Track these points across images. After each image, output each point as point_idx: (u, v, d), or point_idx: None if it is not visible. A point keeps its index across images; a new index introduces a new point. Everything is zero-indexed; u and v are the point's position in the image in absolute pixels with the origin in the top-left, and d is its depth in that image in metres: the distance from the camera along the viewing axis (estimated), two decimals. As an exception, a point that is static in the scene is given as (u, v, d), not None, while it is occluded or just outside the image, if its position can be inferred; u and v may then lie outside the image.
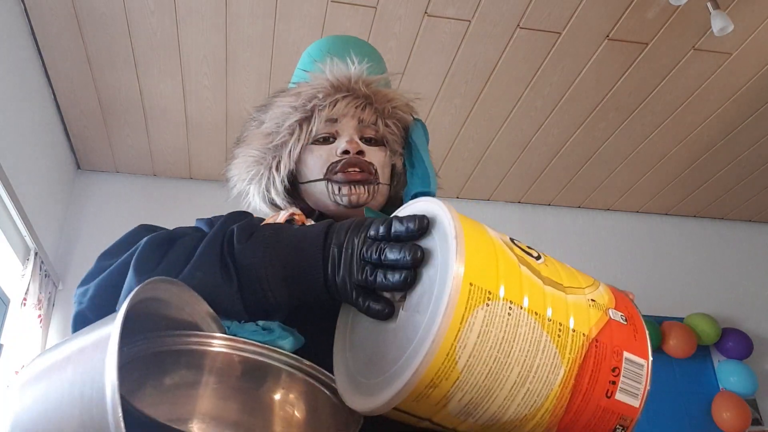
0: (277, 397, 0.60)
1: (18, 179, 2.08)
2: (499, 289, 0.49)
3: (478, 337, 0.47)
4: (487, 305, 0.47)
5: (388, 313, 0.54)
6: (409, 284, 0.52)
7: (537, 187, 3.14)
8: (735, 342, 2.95)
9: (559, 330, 0.50)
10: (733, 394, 2.84)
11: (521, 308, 0.49)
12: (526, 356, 0.48)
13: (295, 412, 0.60)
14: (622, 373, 0.52)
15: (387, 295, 0.55)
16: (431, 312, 0.48)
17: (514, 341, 0.48)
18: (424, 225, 0.53)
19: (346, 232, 0.59)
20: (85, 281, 0.70)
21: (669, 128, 2.72)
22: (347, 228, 0.60)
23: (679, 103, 2.57)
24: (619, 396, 0.51)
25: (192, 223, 0.85)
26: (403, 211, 0.61)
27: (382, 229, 0.55)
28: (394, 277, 0.53)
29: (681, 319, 3.00)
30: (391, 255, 0.53)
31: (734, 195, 3.23)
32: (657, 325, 2.91)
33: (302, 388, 0.60)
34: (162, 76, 2.37)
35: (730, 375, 2.89)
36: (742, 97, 2.54)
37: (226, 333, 0.60)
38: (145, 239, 0.69)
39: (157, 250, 0.67)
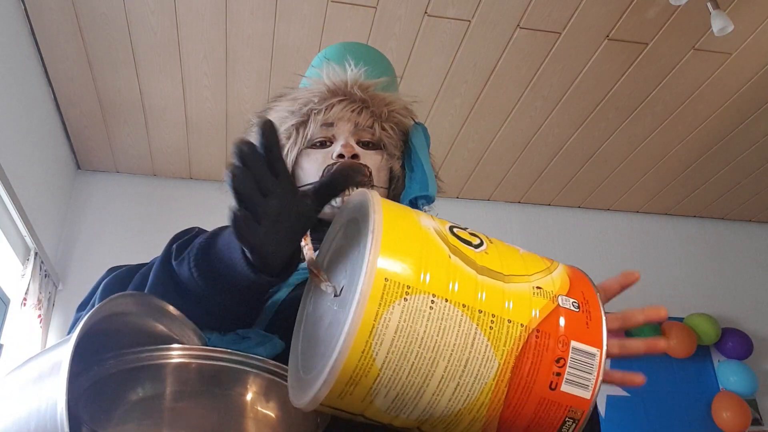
0: (248, 399, 0.60)
1: (18, 179, 2.08)
2: (419, 282, 0.47)
3: (395, 333, 0.46)
4: (405, 300, 0.46)
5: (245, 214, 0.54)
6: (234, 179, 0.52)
7: (537, 187, 3.14)
8: (735, 342, 2.95)
9: (492, 321, 0.49)
10: (733, 394, 2.84)
11: (446, 301, 0.48)
12: (453, 350, 0.47)
13: (267, 413, 0.60)
14: (568, 364, 0.49)
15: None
16: (346, 309, 0.47)
17: (438, 336, 0.47)
18: (267, 129, 0.54)
19: None
20: (68, 333, 0.71)
21: (669, 128, 2.72)
22: None
23: (679, 103, 2.57)
24: (565, 388, 0.49)
25: (191, 223, 0.85)
26: (343, 207, 0.61)
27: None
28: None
29: (681, 319, 3.00)
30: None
31: (734, 195, 3.23)
32: (657, 325, 2.91)
33: (271, 389, 0.60)
34: (162, 76, 2.37)
35: (730, 375, 2.89)
36: (742, 97, 2.53)
37: (206, 344, 0.61)
38: (104, 282, 0.70)
39: (116, 287, 0.68)
